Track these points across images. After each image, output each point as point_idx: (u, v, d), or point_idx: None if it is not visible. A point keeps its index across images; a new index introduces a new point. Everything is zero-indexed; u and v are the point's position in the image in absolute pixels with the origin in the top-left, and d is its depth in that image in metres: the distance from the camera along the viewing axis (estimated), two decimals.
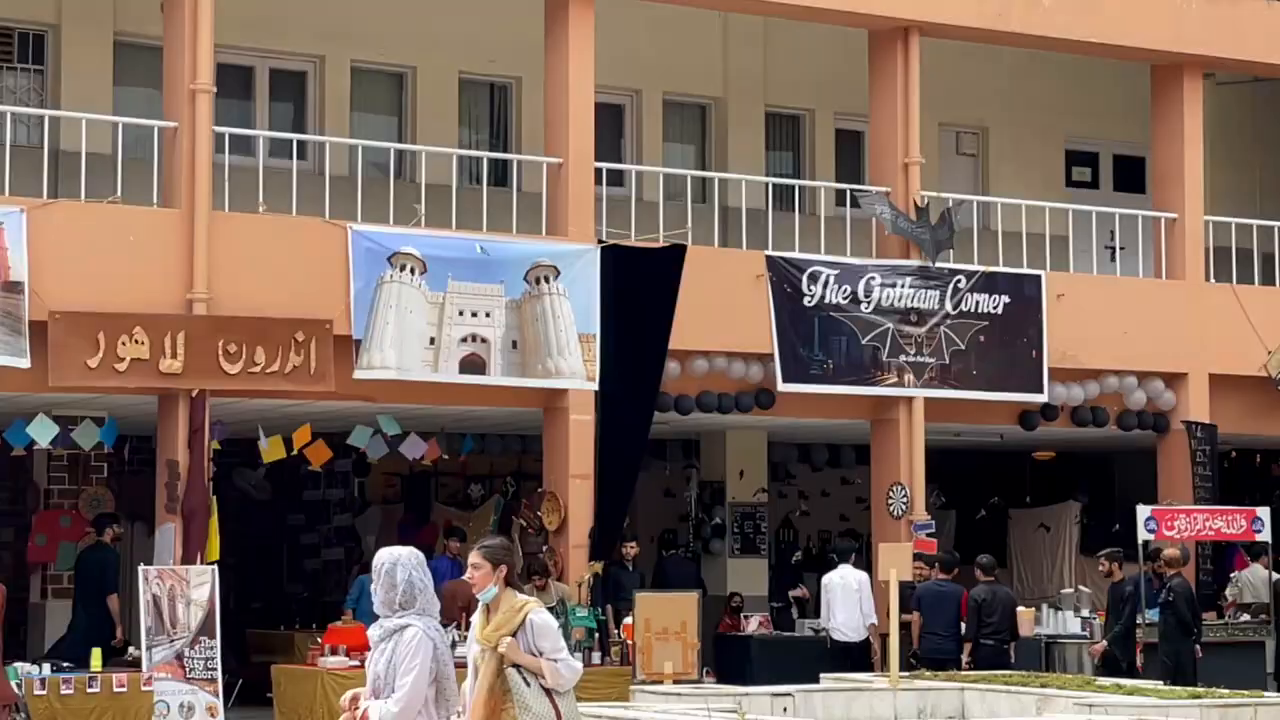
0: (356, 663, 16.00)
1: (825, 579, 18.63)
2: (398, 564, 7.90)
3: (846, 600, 18.23)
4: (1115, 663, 17.62)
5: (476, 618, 8.88)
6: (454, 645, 16.11)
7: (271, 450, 17.22)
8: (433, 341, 16.90)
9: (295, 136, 18.63)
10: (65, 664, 15.32)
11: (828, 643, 18.37)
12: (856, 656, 17.95)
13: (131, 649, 15.99)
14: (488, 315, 17.17)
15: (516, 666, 8.64)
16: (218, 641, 15.17)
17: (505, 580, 8.76)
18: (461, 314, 17.06)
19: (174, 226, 16.16)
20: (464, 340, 17.07)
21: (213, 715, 15.09)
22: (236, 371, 16.13)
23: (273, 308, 16.34)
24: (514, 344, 17.28)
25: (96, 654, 15.40)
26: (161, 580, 15.20)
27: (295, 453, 17.31)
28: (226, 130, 16.97)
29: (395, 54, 20.59)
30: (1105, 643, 17.89)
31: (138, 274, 15.93)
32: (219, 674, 15.20)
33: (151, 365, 15.81)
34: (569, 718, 8.75)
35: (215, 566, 15.60)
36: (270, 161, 17.58)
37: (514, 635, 8.66)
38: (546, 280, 17.43)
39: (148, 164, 16.84)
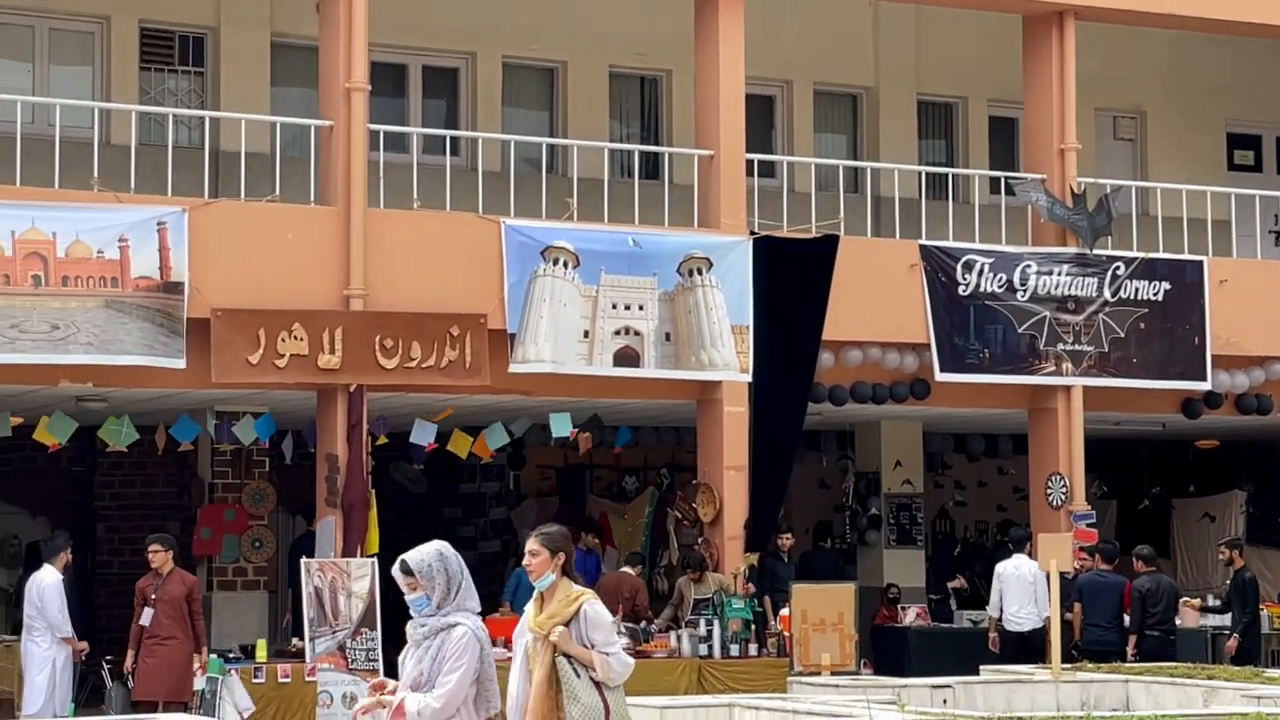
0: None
1: (999, 567, 18.45)
2: (442, 556, 7.82)
3: (1020, 590, 18.01)
4: (1249, 655, 17.28)
5: (530, 606, 8.77)
6: (626, 635, 16.35)
7: (457, 443, 17.46)
8: (587, 335, 16.96)
9: (448, 133, 18.78)
10: (232, 655, 15.60)
11: (991, 631, 18.16)
12: (1030, 646, 17.71)
13: (295, 640, 16.25)
14: (641, 308, 17.21)
15: (567, 657, 8.53)
16: (378, 633, 15.34)
17: (562, 569, 8.65)
18: (615, 307, 17.11)
19: (331, 224, 16.36)
20: (618, 333, 17.12)
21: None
22: (393, 366, 16.30)
23: (428, 303, 16.48)
24: (667, 336, 17.29)
25: (262, 645, 15.66)
26: (323, 573, 15.41)
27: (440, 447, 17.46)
28: (381, 128, 17.14)
29: (546, 49, 20.69)
30: (1237, 636, 17.53)
31: (296, 271, 16.14)
32: (380, 665, 15.36)
33: (310, 361, 16.01)
34: (618, 713, 8.61)
35: (375, 559, 15.78)
36: (424, 158, 17.73)
37: (567, 625, 8.56)
38: (699, 272, 17.42)
39: (305, 162, 17.07)
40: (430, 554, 7.84)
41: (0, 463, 19.79)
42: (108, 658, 16.40)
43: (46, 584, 15.69)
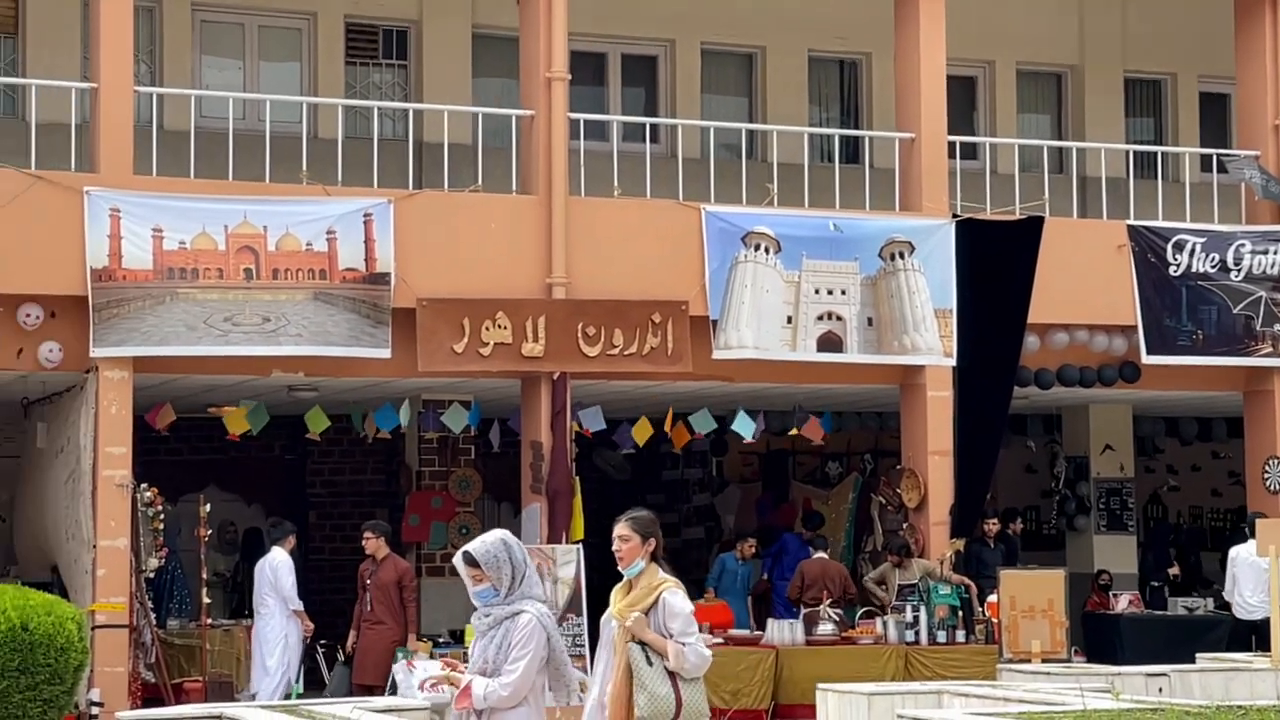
0: (720, 640, 16.13)
1: (1232, 552, 18.05)
2: (507, 544, 7.71)
3: (1255, 577, 17.55)
4: None
5: (616, 592, 8.59)
6: (833, 621, 16.26)
7: (639, 431, 17.50)
8: (789, 320, 16.89)
9: (648, 120, 18.82)
10: (441, 639, 15.81)
11: (1228, 617, 17.76)
12: (1261, 633, 17.26)
13: None
14: (843, 293, 17.09)
15: (641, 644, 8.35)
16: (584, 618, 15.45)
17: (651, 555, 8.44)
18: (817, 292, 17.02)
19: (532, 213, 16.48)
20: (820, 318, 17.02)
21: (582, 690, 15.33)
22: (596, 354, 16.37)
23: (629, 290, 16.53)
24: (870, 321, 17.16)
25: (470, 630, 15.82)
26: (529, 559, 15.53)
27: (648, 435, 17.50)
28: (581, 116, 17.23)
29: (745, 35, 20.63)
30: None
31: (499, 260, 16.29)
32: (587, 650, 15.46)
33: (514, 349, 16.15)
34: (691, 707, 8.36)
35: (580, 545, 15.88)
36: (624, 146, 17.79)
37: (646, 614, 8.36)
38: (901, 256, 17.26)
39: (506, 152, 17.22)
40: (494, 543, 7.74)
41: (216, 452, 20.26)
42: (322, 641, 16.74)
43: (279, 561, 16.14)
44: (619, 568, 8.45)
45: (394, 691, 14.39)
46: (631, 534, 8.35)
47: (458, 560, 7.82)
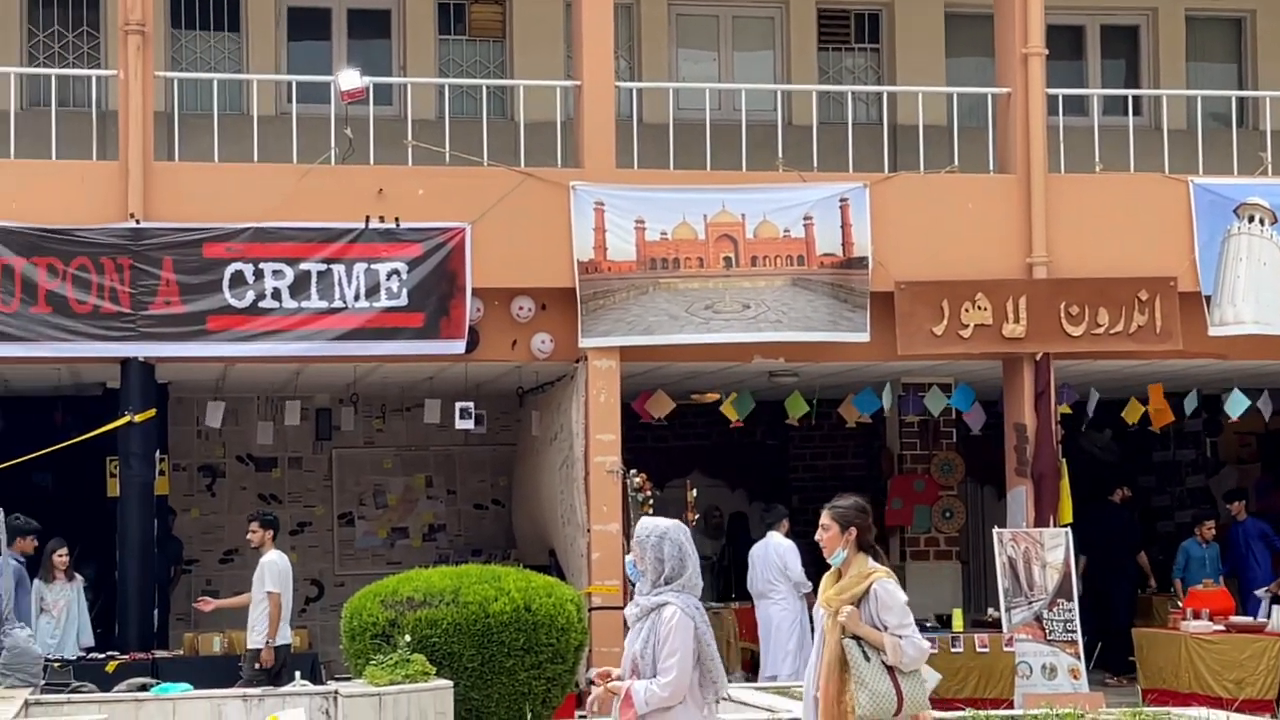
0: (1220, 627, 15.57)
1: None
2: (665, 537, 7.44)
3: None
4: None
5: (825, 580, 8.26)
6: None
7: (1130, 412, 17.06)
8: None
9: (1129, 92, 18.28)
10: (929, 624, 15.73)
11: None
12: None
13: (990, 610, 16.26)
14: None
15: (856, 639, 7.98)
16: (1075, 604, 15.13)
17: (856, 543, 8.10)
18: None
19: (1011, 192, 16.22)
20: None
21: (1075, 677, 15.06)
22: (1079, 333, 16.02)
23: (1113, 267, 16.11)
24: None
25: (958, 614, 15.76)
26: (1016, 543, 15.33)
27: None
28: (1059, 91, 16.86)
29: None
30: None
31: (977, 241, 16.09)
32: (1079, 636, 15.14)
33: (994, 330, 15.94)
34: (912, 701, 7.95)
35: (1068, 529, 15.56)
36: (1104, 120, 17.32)
37: (856, 605, 8.00)
38: None
39: (982, 132, 16.99)
40: (651, 529, 7.52)
41: (700, 438, 20.65)
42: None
43: (784, 545, 16.32)
44: (825, 555, 8.24)
45: None
46: (831, 523, 8.16)
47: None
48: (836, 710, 7.98)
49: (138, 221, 14.66)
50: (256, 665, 14.26)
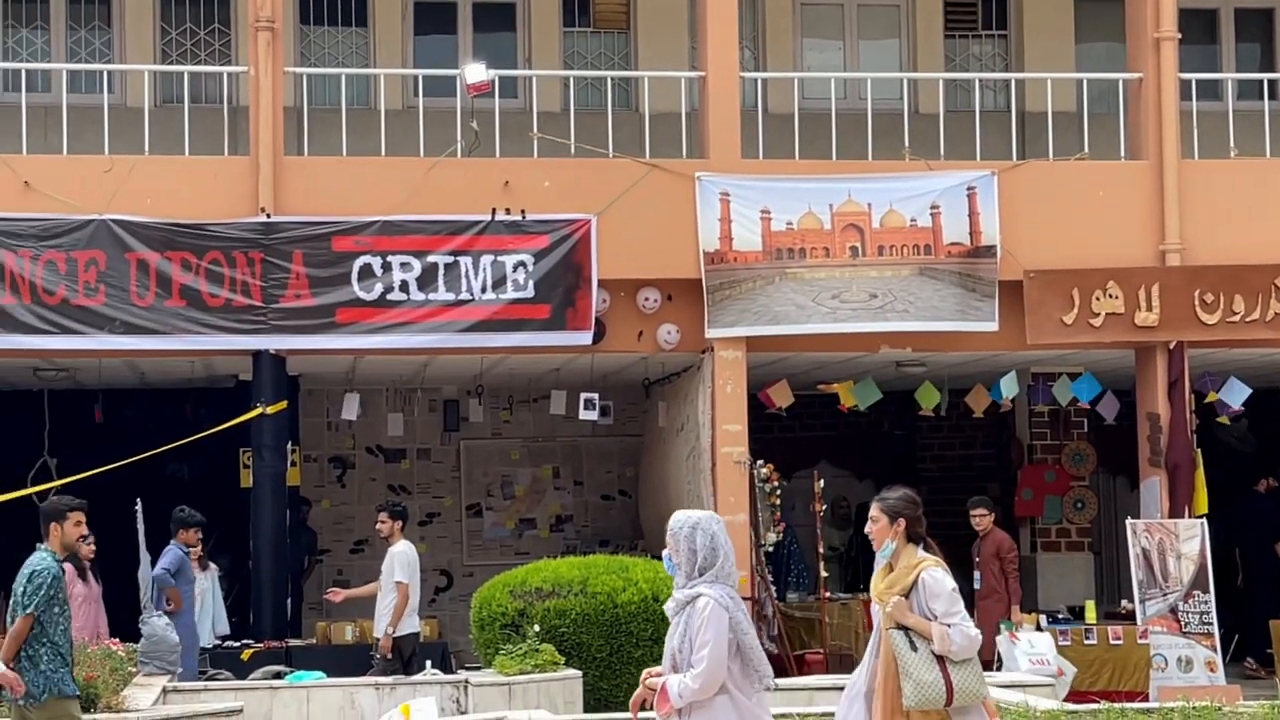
0: None
1: None
2: (697, 527, 7.26)
3: None
4: None
5: (876, 574, 8.14)
6: None
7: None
8: None
9: (1264, 76, 17.98)
10: (1061, 615, 15.58)
11: None
12: None
13: (1124, 602, 16.08)
14: None
15: (904, 629, 7.84)
16: (1211, 595, 14.92)
17: (905, 534, 7.99)
18: None
19: (1143, 178, 16.01)
20: None
21: (1211, 670, 14.84)
22: (1214, 321, 15.80)
23: (1249, 255, 15.87)
24: None
25: (1090, 606, 15.61)
26: (1150, 534, 15.15)
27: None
28: (1192, 76, 16.61)
29: None
30: None
31: (1108, 228, 15.90)
32: (1215, 629, 14.93)
33: (1126, 319, 15.76)
34: (964, 691, 7.78)
35: (1204, 520, 15.34)
36: (1239, 104, 17.05)
37: (906, 595, 7.88)
38: None
39: (1112, 118, 16.77)
40: (684, 520, 7.34)
41: (827, 428, 20.56)
42: None
43: None
44: (875, 548, 8.16)
45: (1000, 665, 14.27)
46: (880, 515, 8.08)
47: None
48: (894, 704, 7.91)
49: (268, 216, 14.84)
50: (379, 654, 14.39)
